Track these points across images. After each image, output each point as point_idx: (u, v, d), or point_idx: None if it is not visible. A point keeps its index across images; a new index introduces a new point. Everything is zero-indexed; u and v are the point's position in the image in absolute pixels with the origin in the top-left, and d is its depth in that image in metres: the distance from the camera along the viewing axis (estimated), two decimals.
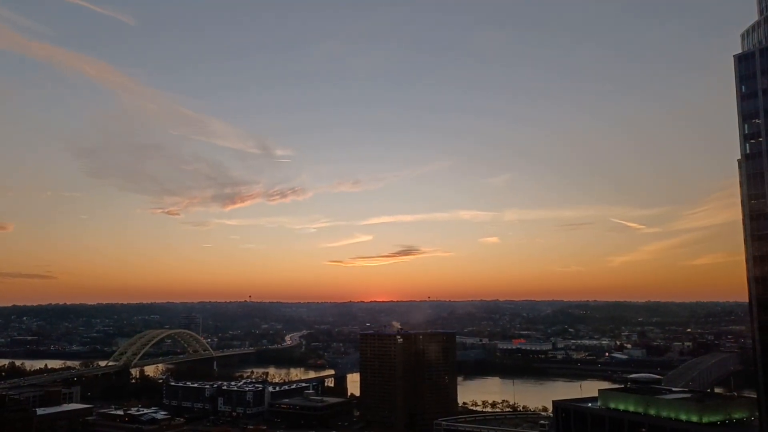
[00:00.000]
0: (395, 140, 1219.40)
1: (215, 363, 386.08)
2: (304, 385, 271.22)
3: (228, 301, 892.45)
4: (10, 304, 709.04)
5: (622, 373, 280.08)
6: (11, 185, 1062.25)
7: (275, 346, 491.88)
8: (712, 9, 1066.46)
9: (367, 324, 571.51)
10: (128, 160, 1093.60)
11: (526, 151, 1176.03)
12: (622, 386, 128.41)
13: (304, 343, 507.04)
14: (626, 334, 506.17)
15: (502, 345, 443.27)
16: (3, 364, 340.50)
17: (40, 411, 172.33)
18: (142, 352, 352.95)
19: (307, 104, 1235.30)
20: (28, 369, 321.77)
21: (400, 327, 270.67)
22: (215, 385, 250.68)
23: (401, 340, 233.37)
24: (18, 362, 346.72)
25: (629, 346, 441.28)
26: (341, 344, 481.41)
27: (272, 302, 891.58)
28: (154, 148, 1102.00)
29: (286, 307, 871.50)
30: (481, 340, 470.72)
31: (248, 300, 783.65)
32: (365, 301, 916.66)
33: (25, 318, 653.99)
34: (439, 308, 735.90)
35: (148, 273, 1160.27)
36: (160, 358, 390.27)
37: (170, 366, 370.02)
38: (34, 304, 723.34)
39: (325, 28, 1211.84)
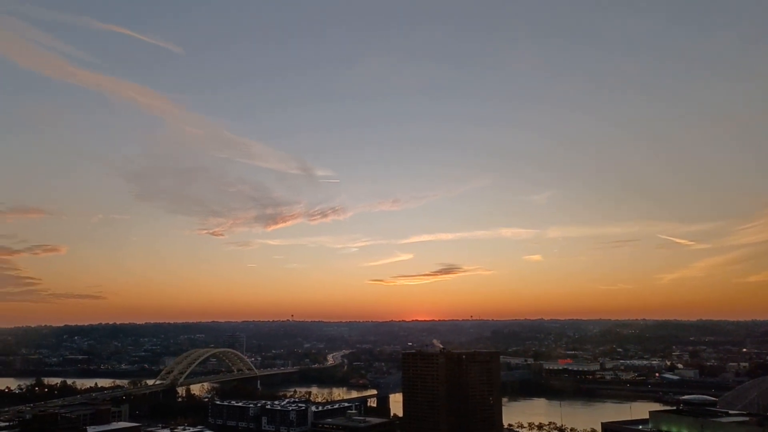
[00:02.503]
0: (435, 158, 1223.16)
1: (259, 382, 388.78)
2: (346, 404, 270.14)
3: (270, 320, 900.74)
4: (62, 324, 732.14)
5: (674, 395, 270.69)
6: (64, 209, 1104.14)
7: (317, 365, 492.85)
8: (760, 17, 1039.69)
9: (409, 343, 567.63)
10: (174, 183, 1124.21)
11: (568, 168, 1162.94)
12: (675, 408, 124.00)
13: (346, 362, 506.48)
14: (677, 353, 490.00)
15: (548, 365, 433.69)
16: (55, 382, 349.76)
17: (90, 429, 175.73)
18: (188, 370, 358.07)
19: (346, 123, 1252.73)
20: (79, 387, 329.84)
21: (442, 347, 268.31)
22: (259, 405, 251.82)
23: (444, 359, 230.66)
24: (70, 381, 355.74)
25: (681, 366, 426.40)
26: (383, 364, 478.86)
27: (314, 321, 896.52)
28: (199, 171, 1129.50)
29: (328, 327, 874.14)
30: (526, 360, 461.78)
31: (290, 319, 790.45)
32: (407, 320, 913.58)
33: (76, 337, 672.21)
34: (482, 327, 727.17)
35: (193, 293, 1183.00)
36: (206, 377, 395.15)
37: (215, 385, 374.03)
38: (85, 324, 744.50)
39: (363, 46, 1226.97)
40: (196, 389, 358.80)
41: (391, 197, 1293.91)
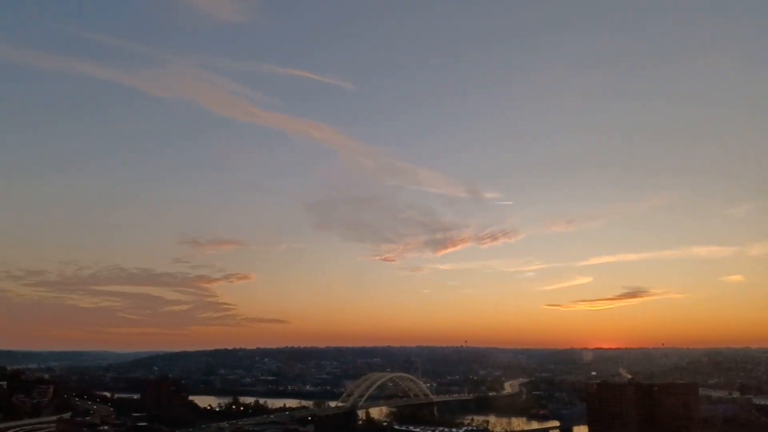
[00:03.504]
0: (613, 173, 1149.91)
1: (435, 408, 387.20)
2: None
3: (444, 345, 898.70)
4: (254, 347, 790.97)
5: None
6: (253, 241, 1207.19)
7: (494, 393, 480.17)
8: None
9: (593, 372, 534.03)
10: (349, 211, 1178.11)
11: None
12: None
13: (524, 391, 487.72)
14: None
15: (758, 400, 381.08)
16: (249, 401, 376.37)
17: None
18: (367, 394, 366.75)
19: (513, 141, 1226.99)
20: (270, 407, 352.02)
21: (631, 377, 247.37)
22: (437, 431, 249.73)
23: (633, 391, 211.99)
24: (261, 400, 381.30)
25: None
26: (565, 394, 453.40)
27: (488, 347, 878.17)
28: (371, 199, 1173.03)
29: (503, 353, 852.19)
30: (730, 394, 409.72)
31: (464, 345, 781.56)
32: (588, 347, 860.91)
33: (266, 359, 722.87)
34: (675, 356, 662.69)
35: (368, 317, 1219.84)
36: (383, 401, 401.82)
37: (393, 409, 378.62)
38: (274, 347, 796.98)
39: (529, 59, 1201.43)
40: (375, 412, 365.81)
41: (565, 217, 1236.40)
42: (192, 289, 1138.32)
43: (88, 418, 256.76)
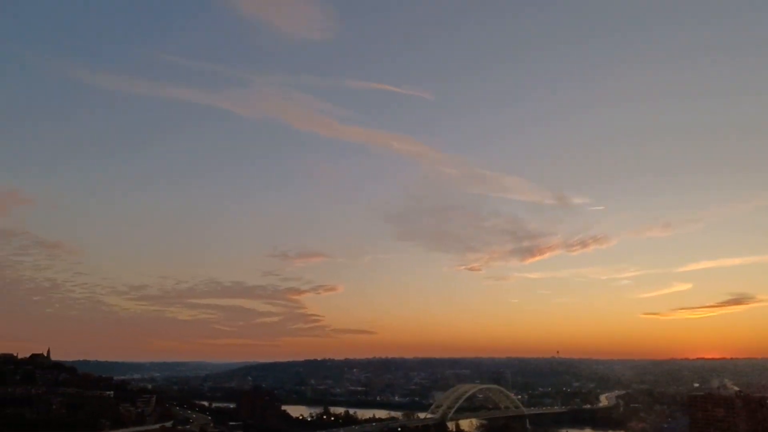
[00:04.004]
0: (711, 173, 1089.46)
1: (527, 421, 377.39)
2: None
3: (535, 357, 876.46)
4: (342, 357, 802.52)
5: None
6: (339, 253, 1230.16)
7: (588, 406, 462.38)
8: None
9: (696, 384, 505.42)
10: (432, 221, 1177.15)
11: None
12: None
13: (621, 404, 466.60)
14: None
15: None
16: (339, 412, 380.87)
17: None
18: (456, 405, 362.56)
19: (600, 143, 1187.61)
20: (359, 417, 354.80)
21: (738, 389, 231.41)
22: None
23: (742, 404, 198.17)
24: (351, 410, 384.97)
25: None
26: (665, 406, 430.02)
27: (581, 358, 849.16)
28: (454, 208, 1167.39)
29: (598, 364, 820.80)
30: None
31: (556, 356, 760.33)
32: (690, 357, 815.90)
33: (354, 370, 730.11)
34: None
35: (455, 328, 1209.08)
36: (473, 413, 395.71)
37: (483, 421, 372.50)
38: (362, 358, 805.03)
39: (621, 58, 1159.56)
40: (465, 424, 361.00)
41: (661, 221, 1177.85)
42: (282, 301, 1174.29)
43: (188, 426, 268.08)
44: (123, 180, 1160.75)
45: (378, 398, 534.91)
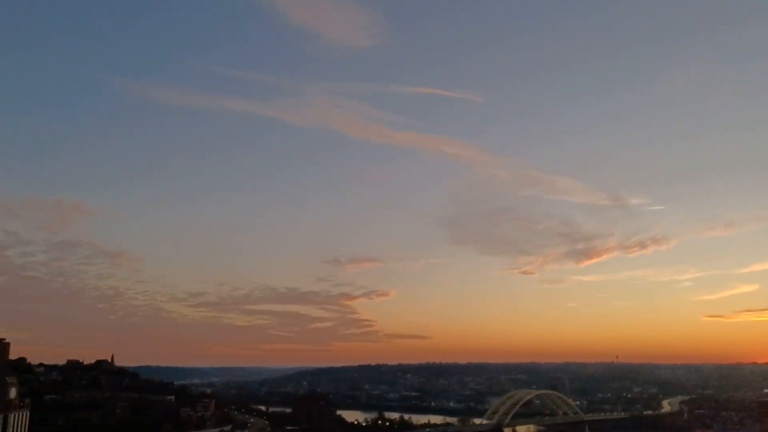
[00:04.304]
0: None
1: (587, 427, 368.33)
2: None
3: (593, 361, 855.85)
4: (396, 362, 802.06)
5: None
6: (390, 258, 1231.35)
7: (650, 412, 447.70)
8: None
9: (766, 390, 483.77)
10: (484, 225, 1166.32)
11: None
12: None
13: (685, 409, 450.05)
14: None
15: None
16: (394, 417, 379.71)
17: None
18: (513, 412, 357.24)
19: (656, 143, 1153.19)
20: (414, 423, 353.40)
21: None
22: None
23: None
24: (406, 416, 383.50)
25: None
26: (732, 413, 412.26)
27: (642, 363, 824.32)
28: (506, 211, 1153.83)
29: (659, 369, 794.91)
30: None
31: (615, 361, 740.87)
32: (758, 362, 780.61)
33: (408, 375, 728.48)
34: None
35: (510, 332, 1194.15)
36: (530, 419, 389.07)
37: (541, 428, 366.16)
38: (415, 363, 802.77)
39: (668, 57, 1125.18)
40: (522, 431, 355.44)
41: (722, 220, 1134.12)
42: (335, 306, 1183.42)
43: (246, 430, 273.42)
44: (180, 190, 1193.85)
45: (433, 403, 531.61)
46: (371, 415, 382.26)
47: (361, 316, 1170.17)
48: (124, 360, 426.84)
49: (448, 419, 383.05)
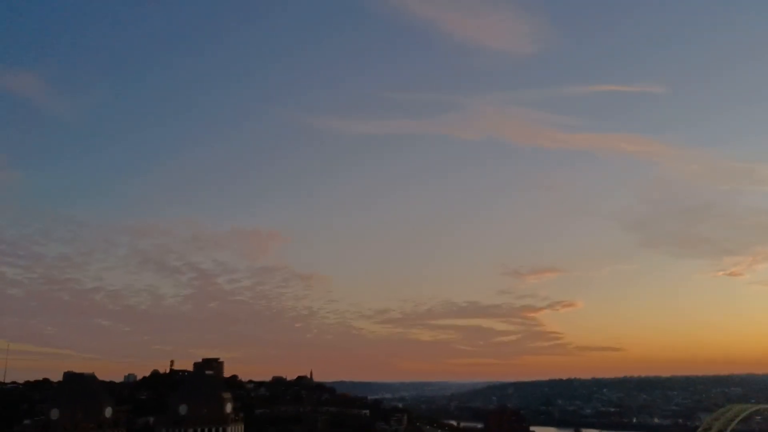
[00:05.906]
0: None
1: None
2: None
3: None
4: (589, 376, 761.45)
5: None
6: (573, 266, 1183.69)
7: None
8: None
9: None
10: (677, 225, 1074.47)
11: None
12: None
13: None
14: None
15: None
16: None
17: None
18: (729, 428, 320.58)
19: None
20: None
21: None
22: None
23: None
24: None
25: None
26: None
27: None
28: (702, 208, 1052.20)
29: None
30: None
31: None
32: None
33: (604, 389, 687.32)
34: None
35: (718, 341, 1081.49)
36: None
37: None
38: (610, 376, 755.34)
39: None
40: None
41: None
42: (518, 319, 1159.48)
43: None
44: (363, 215, 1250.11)
45: (634, 420, 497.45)
46: None
47: (548, 329, 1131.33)
48: (321, 376, 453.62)
49: None
